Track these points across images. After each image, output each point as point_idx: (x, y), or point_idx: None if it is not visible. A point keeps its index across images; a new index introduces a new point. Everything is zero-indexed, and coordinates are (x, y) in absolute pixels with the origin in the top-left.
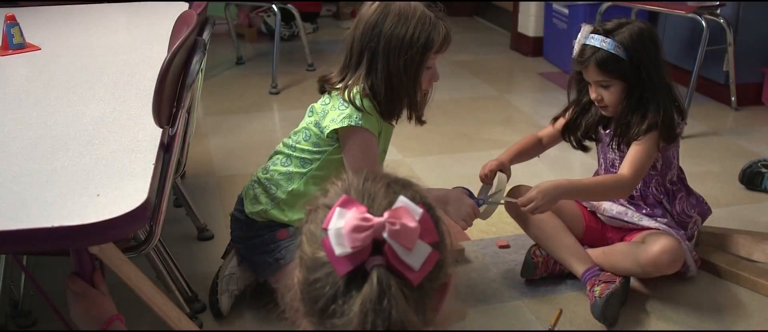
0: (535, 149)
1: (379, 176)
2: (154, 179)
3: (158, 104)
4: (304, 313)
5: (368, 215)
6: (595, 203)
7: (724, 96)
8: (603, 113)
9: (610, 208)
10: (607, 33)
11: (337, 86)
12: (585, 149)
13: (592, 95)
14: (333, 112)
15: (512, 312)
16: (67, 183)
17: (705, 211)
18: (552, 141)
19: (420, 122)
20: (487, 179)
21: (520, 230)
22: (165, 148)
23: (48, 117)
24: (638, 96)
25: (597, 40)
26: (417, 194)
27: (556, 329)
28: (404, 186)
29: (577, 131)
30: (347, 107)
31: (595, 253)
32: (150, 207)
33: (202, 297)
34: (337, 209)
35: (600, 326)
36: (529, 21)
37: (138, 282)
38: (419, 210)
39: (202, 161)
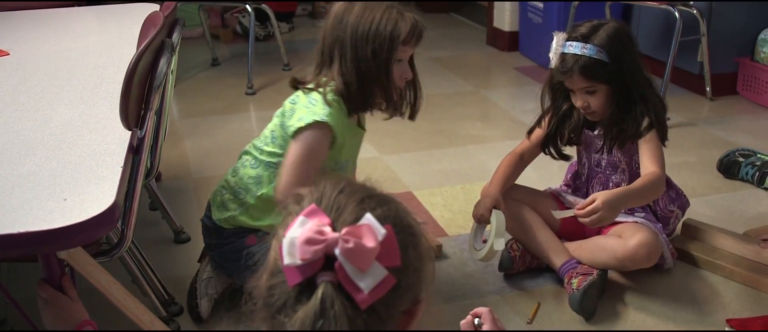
0: (518, 169)
1: (357, 188)
2: (122, 183)
3: (125, 107)
4: (261, 318)
5: (325, 229)
6: (572, 199)
7: (699, 87)
8: (589, 118)
9: None
10: (584, 38)
11: (309, 86)
12: (566, 158)
13: (578, 103)
14: (300, 111)
15: (491, 307)
16: (34, 188)
17: (684, 204)
18: (532, 155)
19: (399, 114)
20: (483, 219)
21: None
22: (134, 151)
23: (16, 122)
24: (625, 97)
25: (577, 48)
26: (391, 214)
27: (534, 322)
28: (380, 203)
29: (559, 140)
30: (315, 105)
31: (573, 247)
32: (118, 210)
33: (179, 299)
34: (301, 218)
35: (578, 318)
36: (505, 16)
37: (108, 287)
38: (383, 231)
39: (179, 164)
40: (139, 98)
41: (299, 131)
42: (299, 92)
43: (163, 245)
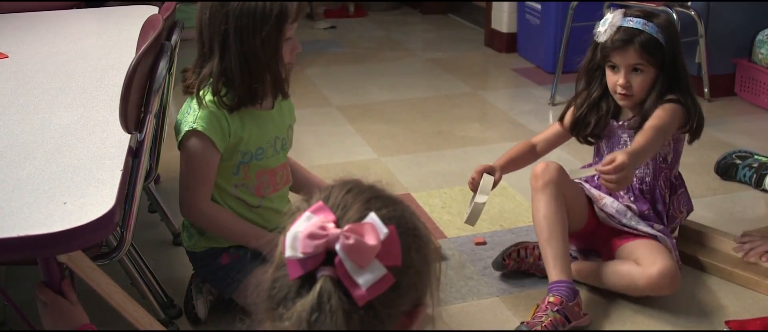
0: (528, 156)
1: (365, 189)
2: (121, 186)
3: (125, 110)
4: (263, 309)
5: (328, 225)
6: (596, 193)
7: (697, 88)
8: (622, 102)
9: (610, 204)
10: (646, 16)
11: (190, 84)
12: (591, 143)
13: (621, 80)
14: (184, 118)
15: (489, 309)
16: (33, 192)
17: (690, 208)
18: (548, 147)
19: (285, 96)
20: (474, 183)
21: (496, 227)
22: (133, 154)
23: (15, 125)
24: (667, 88)
25: (638, 23)
26: (396, 215)
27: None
28: (386, 204)
29: (587, 128)
30: (188, 113)
31: (587, 269)
32: (118, 214)
33: (177, 302)
34: (307, 214)
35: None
36: (503, 17)
37: (108, 290)
38: (385, 230)
39: (177, 166)
40: (138, 101)
41: (180, 145)
42: (190, 96)
43: (161, 247)
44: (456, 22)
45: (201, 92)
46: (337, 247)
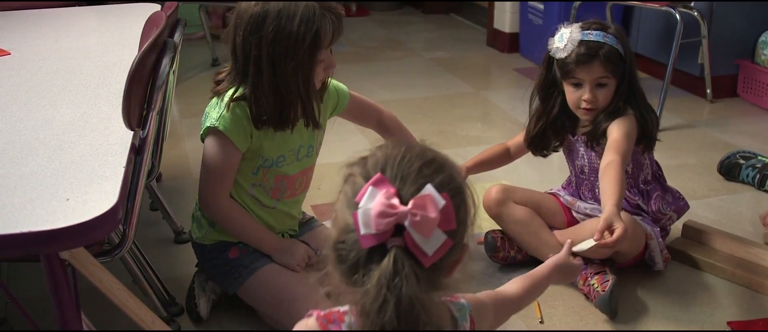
0: (501, 158)
1: (416, 154)
2: (124, 183)
3: (128, 107)
4: (340, 271)
5: (394, 202)
6: (570, 199)
7: (700, 89)
8: (585, 117)
9: (583, 206)
10: (602, 28)
11: (221, 90)
12: (546, 156)
13: (585, 96)
14: (210, 114)
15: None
16: (36, 188)
17: (681, 207)
18: (520, 152)
19: (317, 126)
20: None
21: (497, 226)
22: (136, 151)
23: (17, 122)
24: (625, 97)
25: (599, 35)
26: (446, 180)
27: (543, 321)
28: (436, 171)
29: (548, 146)
30: (212, 110)
31: (563, 235)
32: (121, 211)
33: (179, 300)
34: (370, 189)
35: (580, 311)
36: (505, 17)
37: (110, 287)
38: (442, 201)
39: (179, 164)
40: (141, 98)
41: (203, 140)
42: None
43: (163, 245)
44: (458, 22)
45: (232, 103)
46: (406, 223)
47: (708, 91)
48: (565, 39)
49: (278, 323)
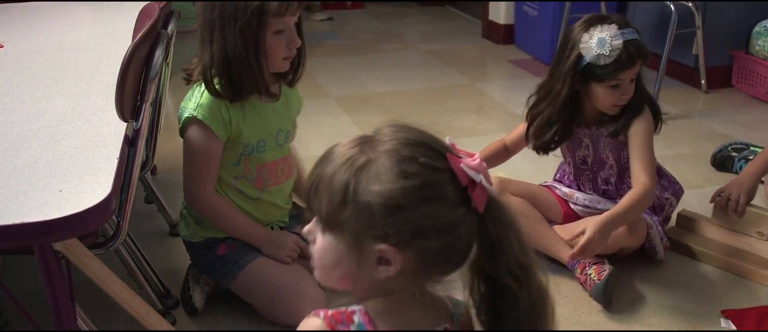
0: (501, 155)
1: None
2: (117, 174)
3: (121, 98)
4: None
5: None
6: (567, 191)
7: (694, 79)
8: (612, 113)
9: (582, 197)
10: (628, 23)
11: (190, 71)
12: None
13: (625, 95)
14: (186, 105)
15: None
16: (29, 180)
17: (678, 191)
18: (517, 147)
19: (268, 94)
20: None
21: None
22: (130, 142)
23: (10, 114)
24: (641, 89)
25: (631, 32)
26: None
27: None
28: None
29: (556, 147)
30: (189, 100)
31: (561, 230)
32: (114, 202)
33: (174, 292)
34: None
35: (579, 303)
36: (500, 9)
37: (105, 278)
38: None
39: (174, 157)
40: (134, 89)
41: (181, 132)
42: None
43: (158, 238)
44: (453, 14)
45: (205, 92)
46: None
47: (702, 81)
48: (606, 44)
49: (273, 316)
